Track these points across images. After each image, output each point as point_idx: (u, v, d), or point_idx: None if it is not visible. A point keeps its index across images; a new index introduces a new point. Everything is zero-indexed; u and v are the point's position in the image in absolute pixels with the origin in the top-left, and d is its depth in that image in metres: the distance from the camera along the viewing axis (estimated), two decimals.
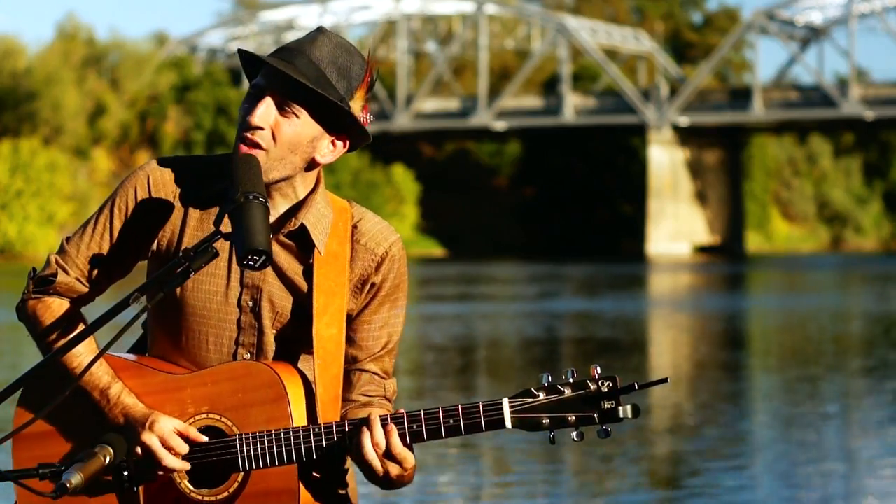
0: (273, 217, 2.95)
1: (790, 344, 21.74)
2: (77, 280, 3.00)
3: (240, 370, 2.93)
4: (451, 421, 2.85)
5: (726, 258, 71.70)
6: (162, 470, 2.90)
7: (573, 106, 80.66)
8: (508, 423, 2.85)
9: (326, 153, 2.96)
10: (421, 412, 2.88)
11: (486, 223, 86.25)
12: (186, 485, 2.93)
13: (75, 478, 2.78)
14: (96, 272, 3.00)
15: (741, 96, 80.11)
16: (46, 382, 3.00)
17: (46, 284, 3.00)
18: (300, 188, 2.97)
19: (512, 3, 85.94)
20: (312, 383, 2.97)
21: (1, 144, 66.07)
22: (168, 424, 2.89)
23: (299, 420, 2.92)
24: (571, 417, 2.84)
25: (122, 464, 2.90)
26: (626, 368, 16.32)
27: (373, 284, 3.02)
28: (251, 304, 2.97)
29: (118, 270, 3.04)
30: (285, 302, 2.97)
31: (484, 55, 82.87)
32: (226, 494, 2.91)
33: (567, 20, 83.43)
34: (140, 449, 2.89)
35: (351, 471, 3.08)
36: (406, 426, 2.87)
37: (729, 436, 11.64)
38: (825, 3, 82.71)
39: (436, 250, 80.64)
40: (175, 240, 2.97)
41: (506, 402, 2.85)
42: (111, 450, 2.86)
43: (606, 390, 2.83)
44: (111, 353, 2.99)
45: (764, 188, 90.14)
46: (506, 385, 15.37)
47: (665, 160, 79.39)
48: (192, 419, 2.93)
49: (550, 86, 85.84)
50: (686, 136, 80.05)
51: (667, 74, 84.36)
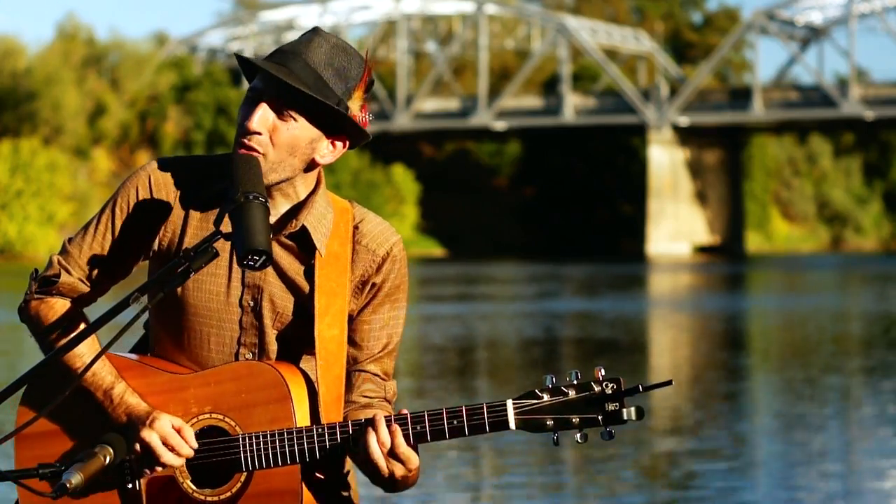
0: (274, 217, 2.95)
1: (790, 344, 21.73)
2: (79, 280, 3.00)
3: (243, 370, 2.93)
4: (455, 422, 2.85)
5: (726, 258, 71.69)
6: (161, 466, 2.90)
7: (573, 106, 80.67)
8: (512, 425, 2.84)
9: (326, 154, 2.96)
10: (425, 413, 2.87)
11: (486, 223, 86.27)
12: (189, 485, 2.93)
13: (75, 478, 2.78)
14: (98, 272, 3.01)
15: (741, 96, 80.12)
16: (49, 382, 3.00)
17: (49, 285, 3.01)
18: (301, 188, 2.97)
19: (512, 3, 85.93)
20: (315, 383, 2.97)
21: (1, 144, 66.06)
22: (169, 423, 2.89)
23: (303, 420, 2.91)
24: (575, 419, 2.83)
25: (124, 463, 2.91)
26: (627, 369, 16.32)
27: (373, 285, 3.02)
28: (252, 304, 2.97)
29: (120, 270, 3.04)
30: (286, 302, 2.97)
31: (484, 55, 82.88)
32: (228, 494, 2.91)
33: (567, 20, 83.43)
34: (139, 446, 2.89)
35: (352, 472, 3.08)
36: (410, 427, 2.87)
37: (728, 436, 11.63)
38: (825, 3, 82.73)
39: (436, 250, 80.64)
40: (176, 240, 2.97)
41: (510, 404, 2.85)
42: (111, 450, 2.85)
43: (610, 392, 2.83)
44: (115, 353, 3.00)
45: (764, 188, 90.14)
46: (506, 385, 15.37)
47: (665, 160, 79.40)
48: (196, 419, 2.93)
49: (550, 86, 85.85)
50: (686, 136, 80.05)
51: (667, 74, 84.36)
